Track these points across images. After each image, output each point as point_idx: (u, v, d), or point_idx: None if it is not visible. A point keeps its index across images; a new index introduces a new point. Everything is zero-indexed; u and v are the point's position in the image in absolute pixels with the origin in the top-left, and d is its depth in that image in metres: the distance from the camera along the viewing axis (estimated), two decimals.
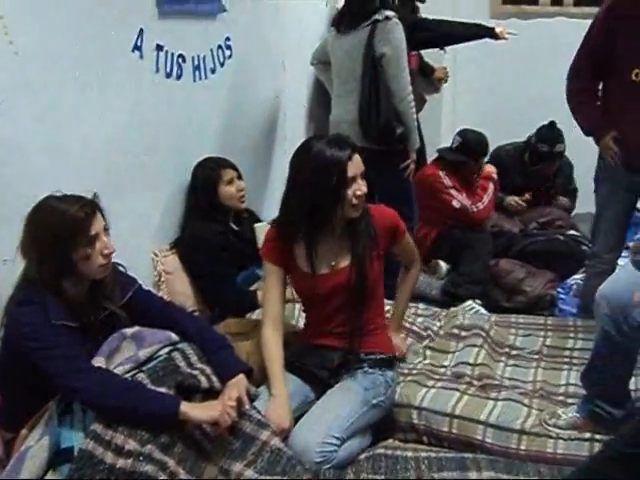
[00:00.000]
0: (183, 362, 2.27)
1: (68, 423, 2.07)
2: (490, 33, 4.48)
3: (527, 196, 4.93)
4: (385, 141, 3.80)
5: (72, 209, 2.12)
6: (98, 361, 2.15)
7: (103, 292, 2.25)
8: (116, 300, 2.28)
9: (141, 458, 2.00)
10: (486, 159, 4.59)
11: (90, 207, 2.16)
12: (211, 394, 2.24)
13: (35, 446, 2.05)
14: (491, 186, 4.54)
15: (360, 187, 2.49)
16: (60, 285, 2.14)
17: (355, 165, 2.48)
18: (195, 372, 2.25)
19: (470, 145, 4.46)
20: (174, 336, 2.32)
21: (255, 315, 3.10)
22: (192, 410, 2.12)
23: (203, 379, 2.24)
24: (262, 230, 3.45)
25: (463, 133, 4.54)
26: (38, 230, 2.13)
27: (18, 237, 2.38)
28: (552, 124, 4.73)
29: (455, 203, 4.39)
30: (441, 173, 4.43)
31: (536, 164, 4.85)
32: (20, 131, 2.43)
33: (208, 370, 2.28)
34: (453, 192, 4.40)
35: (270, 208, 4.06)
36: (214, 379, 2.27)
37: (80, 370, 2.06)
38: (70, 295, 2.15)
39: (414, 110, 3.82)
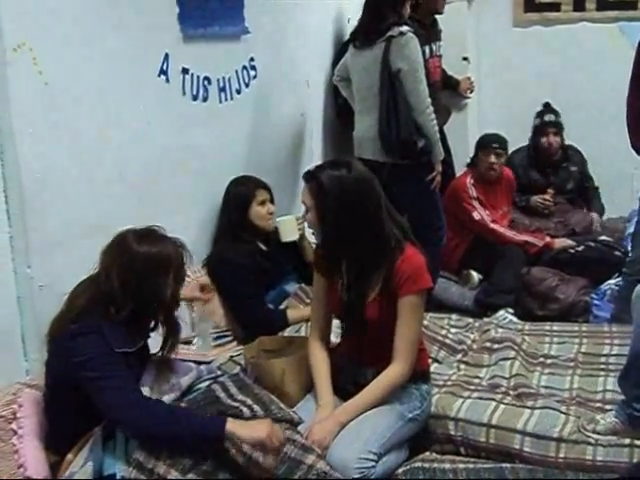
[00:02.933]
0: (223, 393, 2.32)
1: (111, 449, 2.10)
2: None
3: (550, 191, 4.88)
4: (407, 155, 3.79)
5: (175, 248, 2.27)
6: (144, 391, 2.20)
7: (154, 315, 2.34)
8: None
9: None
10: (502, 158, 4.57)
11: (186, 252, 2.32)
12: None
13: (79, 472, 2.08)
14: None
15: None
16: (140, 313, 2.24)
17: None
18: (236, 404, 2.28)
19: (476, 145, 4.56)
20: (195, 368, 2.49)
21: (286, 333, 3.12)
22: (238, 429, 2.10)
23: (245, 409, 2.26)
24: (285, 224, 3.47)
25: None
26: (139, 260, 2.21)
27: (53, 264, 2.44)
28: (546, 104, 4.93)
29: (475, 215, 4.40)
30: (468, 183, 4.45)
31: (539, 143, 4.89)
32: (52, 160, 2.48)
33: (249, 401, 2.31)
34: (475, 203, 4.42)
35: None
36: (256, 407, 2.28)
37: (131, 404, 2.09)
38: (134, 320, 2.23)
39: (435, 122, 3.81)
